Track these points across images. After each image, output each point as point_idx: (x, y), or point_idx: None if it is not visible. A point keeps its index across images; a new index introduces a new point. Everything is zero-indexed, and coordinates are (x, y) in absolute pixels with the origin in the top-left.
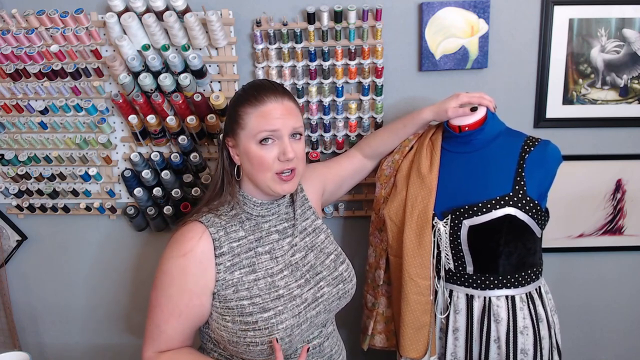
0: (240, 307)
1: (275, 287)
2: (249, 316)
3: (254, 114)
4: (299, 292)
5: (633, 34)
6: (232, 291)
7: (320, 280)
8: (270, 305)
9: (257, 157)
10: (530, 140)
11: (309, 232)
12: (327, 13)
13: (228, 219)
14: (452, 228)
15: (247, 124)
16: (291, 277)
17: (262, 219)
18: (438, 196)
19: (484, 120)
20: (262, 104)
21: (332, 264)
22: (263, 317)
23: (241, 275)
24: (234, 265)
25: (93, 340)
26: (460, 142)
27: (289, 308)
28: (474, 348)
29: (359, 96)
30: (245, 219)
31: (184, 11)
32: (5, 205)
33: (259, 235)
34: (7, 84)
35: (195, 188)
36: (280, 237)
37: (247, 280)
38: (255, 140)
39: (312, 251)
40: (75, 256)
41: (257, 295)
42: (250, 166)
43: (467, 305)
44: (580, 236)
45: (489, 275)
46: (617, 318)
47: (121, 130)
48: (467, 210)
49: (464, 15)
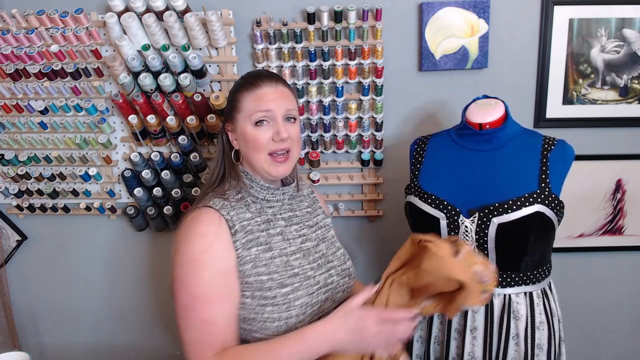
0: (259, 282)
1: (291, 266)
2: (268, 291)
3: (249, 97)
4: (312, 273)
5: (633, 34)
6: (251, 266)
7: (331, 268)
8: (287, 282)
9: (252, 137)
10: (549, 139)
11: (320, 226)
12: (327, 13)
13: (235, 202)
14: (479, 226)
15: (243, 107)
16: (304, 260)
17: (266, 203)
18: (462, 194)
19: (504, 118)
20: (257, 87)
21: (342, 256)
22: (281, 292)
23: (258, 252)
24: (249, 242)
25: (93, 340)
26: (481, 140)
27: (304, 286)
28: (493, 346)
29: (359, 96)
30: (250, 202)
31: (184, 11)
32: (5, 205)
33: (266, 218)
34: (7, 84)
35: (195, 188)
36: (287, 223)
37: (265, 257)
38: (251, 122)
39: (323, 242)
40: (75, 256)
41: (275, 271)
42: (246, 148)
43: (486, 304)
44: (580, 236)
45: (510, 273)
46: (617, 318)
47: (121, 130)
48: (496, 208)
49: (464, 15)
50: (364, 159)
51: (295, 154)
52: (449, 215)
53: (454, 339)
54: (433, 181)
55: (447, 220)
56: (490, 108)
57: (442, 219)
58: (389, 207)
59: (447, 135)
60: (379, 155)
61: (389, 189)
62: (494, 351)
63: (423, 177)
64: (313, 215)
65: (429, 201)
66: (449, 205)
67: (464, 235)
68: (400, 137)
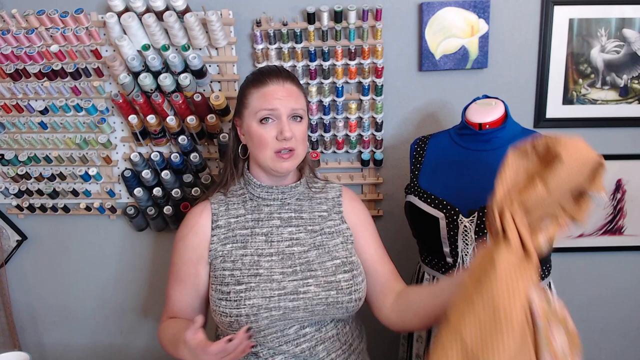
0: (222, 276)
1: (258, 267)
2: (225, 286)
3: (256, 94)
4: (279, 278)
5: (633, 34)
6: (220, 261)
7: (310, 277)
8: (245, 280)
9: (257, 135)
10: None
11: (325, 232)
12: (327, 13)
13: (234, 198)
14: (479, 226)
15: (250, 104)
16: (278, 264)
17: (262, 201)
18: (462, 194)
19: (504, 119)
20: (264, 85)
21: (332, 267)
22: (235, 289)
23: (232, 248)
24: (227, 239)
25: (93, 340)
26: (480, 140)
27: (261, 288)
28: None
29: (359, 96)
30: (248, 198)
31: (184, 11)
32: (5, 205)
33: (257, 217)
34: (7, 84)
35: (195, 188)
36: (282, 224)
37: (236, 254)
38: (256, 119)
39: (316, 249)
40: (75, 256)
41: (239, 268)
42: (252, 144)
43: None
44: (580, 236)
45: None
46: (617, 318)
47: (121, 130)
48: None
49: (464, 15)
50: (364, 159)
51: (301, 152)
52: (449, 215)
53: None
54: (433, 181)
55: (446, 220)
56: (490, 108)
57: (442, 219)
58: (389, 207)
59: (447, 135)
60: (379, 155)
61: (389, 189)
62: None
63: (423, 177)
64: (325, 219)
65: (428, 201)
66: (448, 205)
67: (463, 235)
68: (400, 137)
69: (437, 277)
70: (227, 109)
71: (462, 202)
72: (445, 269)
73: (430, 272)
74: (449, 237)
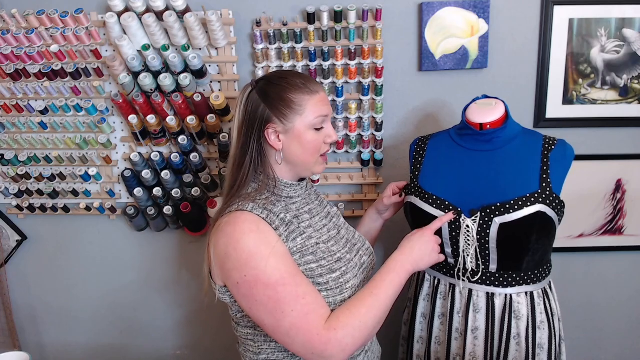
0: (310, 270)
1: (332, 252)
2: (320, 277)
3: (311, 101)
4: (350, 257)
5: (633, 34)
6: (299, 257)
7: (359, 250)
8: (335, 267)
9: (313, 141)
10: (550, 139)
11: (332, 215)
12: (327, 13)
13: (263, 201)
14: (481, 226)
15: (305, 111)
16: (338, 246)
17: (289, 200)
18: (463, 194)
19: (504, 119)
20: (316, 92)
21: (360, 237)
22: (332, 277)
23: (303, 240)
24: (292, 233)
25: (93, 340)
26: (481, 140)
27: (350, 269)
28: (494, 346)
29: (359, 96)
30: (275, 201)
31: (184, 11)
32: (5, 205)
33: (293, 214)
34: (7, 84)
35: (195, 188)
36: (310, 216)
37: (310, 245)
38: (312, 127)
39: (342, 229)
40: (75, 256)
41: (322, 258)
42: (301, 151)
43: (488, 304)
44: (580, 236)
45: (511, 273)
46: (617, 318)
47: (121, 130)
48: (498, 208)
49: (463, 15)
50: (364, 159)
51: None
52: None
53: (455, 339)
54: (433, 181)
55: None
56: (490, 108)
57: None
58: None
59: (447, 136)
60: (379, 155)
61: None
62: (495, 351)
63: (423, 177)
64: (323, 206)
65: (429, 201)
66: (450, 205)
67: (466, 235)
68: (400, 137)
69: (438, 277)
70: (227, 109)
71: (463, 203)
72: (446, 269)
73: (431, 273)
74: (450, 238)
